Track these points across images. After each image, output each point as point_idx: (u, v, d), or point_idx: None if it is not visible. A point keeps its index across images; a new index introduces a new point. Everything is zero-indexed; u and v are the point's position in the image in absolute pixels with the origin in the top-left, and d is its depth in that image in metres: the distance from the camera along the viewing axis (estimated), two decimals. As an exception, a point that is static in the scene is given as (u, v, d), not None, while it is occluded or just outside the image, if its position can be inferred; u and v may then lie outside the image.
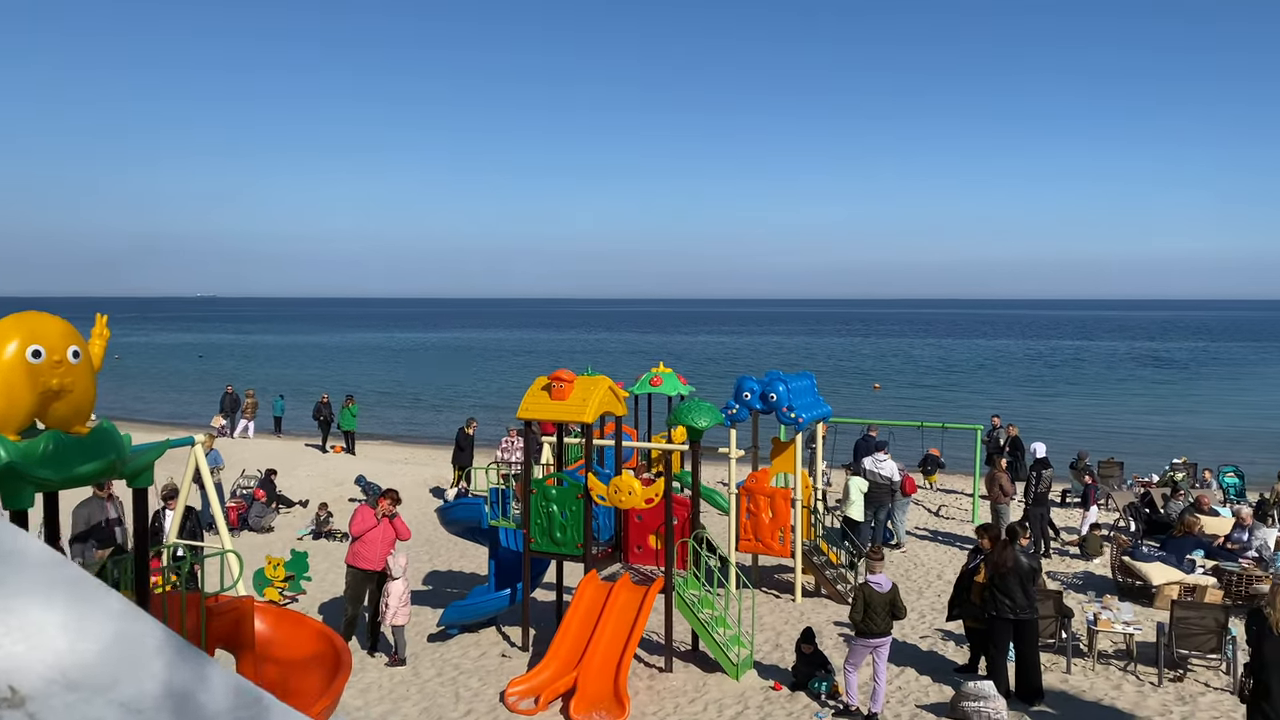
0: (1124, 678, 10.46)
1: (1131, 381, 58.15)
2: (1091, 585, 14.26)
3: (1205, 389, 54.19)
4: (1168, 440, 32.26)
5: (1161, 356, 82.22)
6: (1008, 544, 9.72)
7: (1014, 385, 56.11)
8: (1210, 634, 10.35)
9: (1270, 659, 7.32)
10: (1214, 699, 9.84)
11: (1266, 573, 13.14)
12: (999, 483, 15.89)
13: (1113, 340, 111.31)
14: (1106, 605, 11.48)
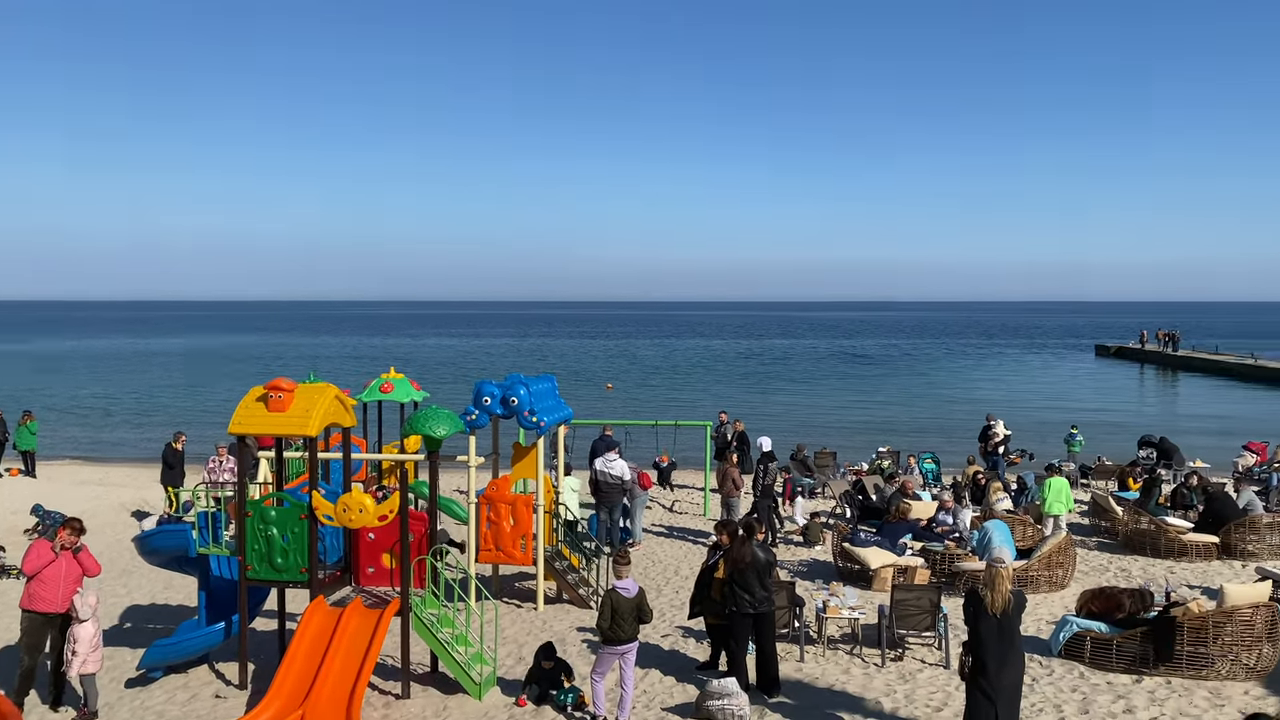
0: (852, 661, 10.96)
1: (836, 378, 62.88)
2: (816, 572, 15.00)
3: (901, 383, 59.56)
4: (873, 430, 35.02)
5: (860, 354, 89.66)
6: (745, 539, 9.88)
7: (734, 382, 59.08)
8: (925, 613, 11.07)
9: (986, 637, 7.82)
10: (930, 674, 10.50)
11: (966, 550, 14.33)
12: (730, 477, 16.38)
13: (815, 339, 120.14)
14: (834, 592, 12.02)
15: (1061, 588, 13.93)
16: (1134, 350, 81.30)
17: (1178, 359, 71.99)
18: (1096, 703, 9.62)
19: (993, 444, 22.74)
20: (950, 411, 42.66)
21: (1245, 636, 10.16)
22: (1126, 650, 10.52)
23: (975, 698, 7.90)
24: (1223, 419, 39.90)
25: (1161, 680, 10.18)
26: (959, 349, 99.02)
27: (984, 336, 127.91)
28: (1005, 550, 13.02)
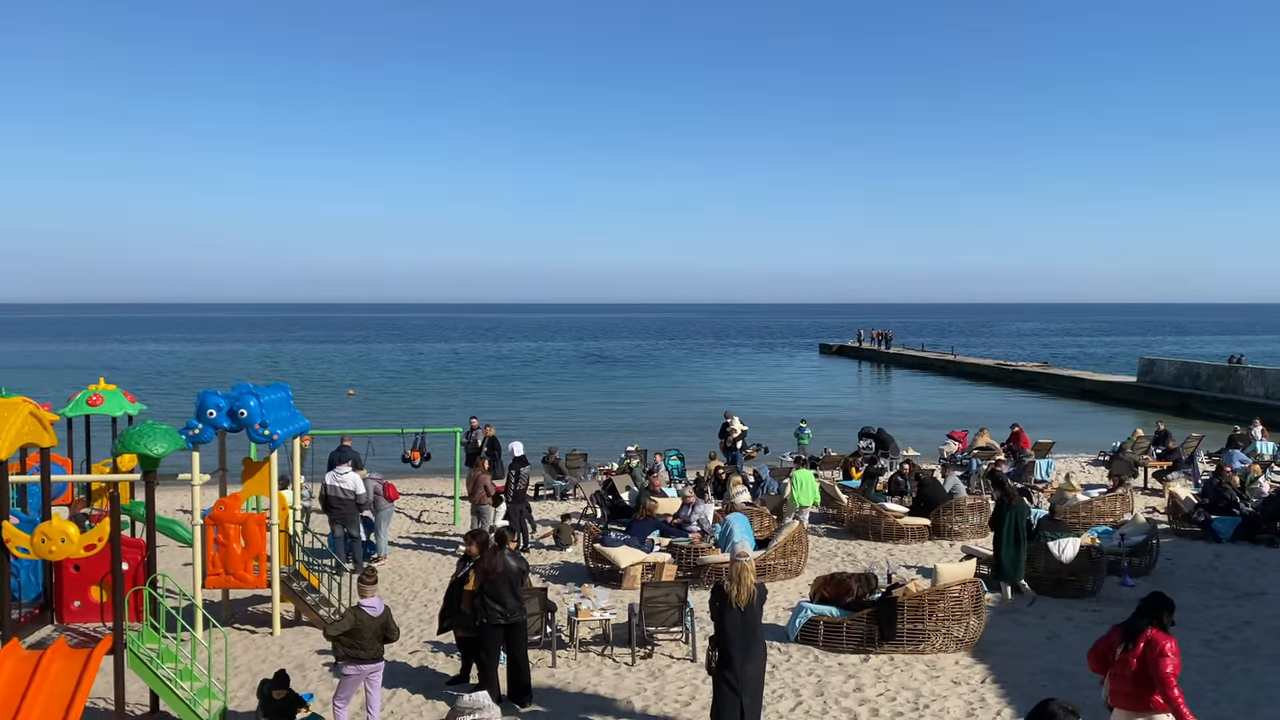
0: (603, 662, 11.04)
1: (584, 380, 63.72)
2: (568, 575, 15.02)
3: (646, 383, 61.24)
4: (621, 430, 35.73)
5: (606, 355, 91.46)
6: (497, 549, 9.70)
7: (483, 386, 58.50)
8: (673, 609, 11.34)
9: (731, 631, 8.07)
10: (679, 669, 10.76)
11: (709, 544, 14.83)
12: (482, 484, 16.10)
13: (563, 341, 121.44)
14: (585, 594, 12.07)
15: (796, 575, 14.74)
16: (853, 349, 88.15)
17: (890, 356, 78.70)
18: (830, 684, 10.21)
19: (731, 439, 23.79)
20: (691, 410, 44.34)
21: (955, 611, 11.15)
22: (855, 631, 11.26)
23: (722, 690, 8.13)
24: (929, 410, 43.93)
25: (886, 657, 10.97)
26: (698, 349, 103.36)
27: (719, 337, 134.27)
28: (746, 543, 13.58)
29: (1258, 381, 39.91)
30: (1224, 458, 22.57)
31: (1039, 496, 19.88)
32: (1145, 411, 40.27)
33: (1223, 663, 10.50)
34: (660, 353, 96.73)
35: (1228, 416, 36.40)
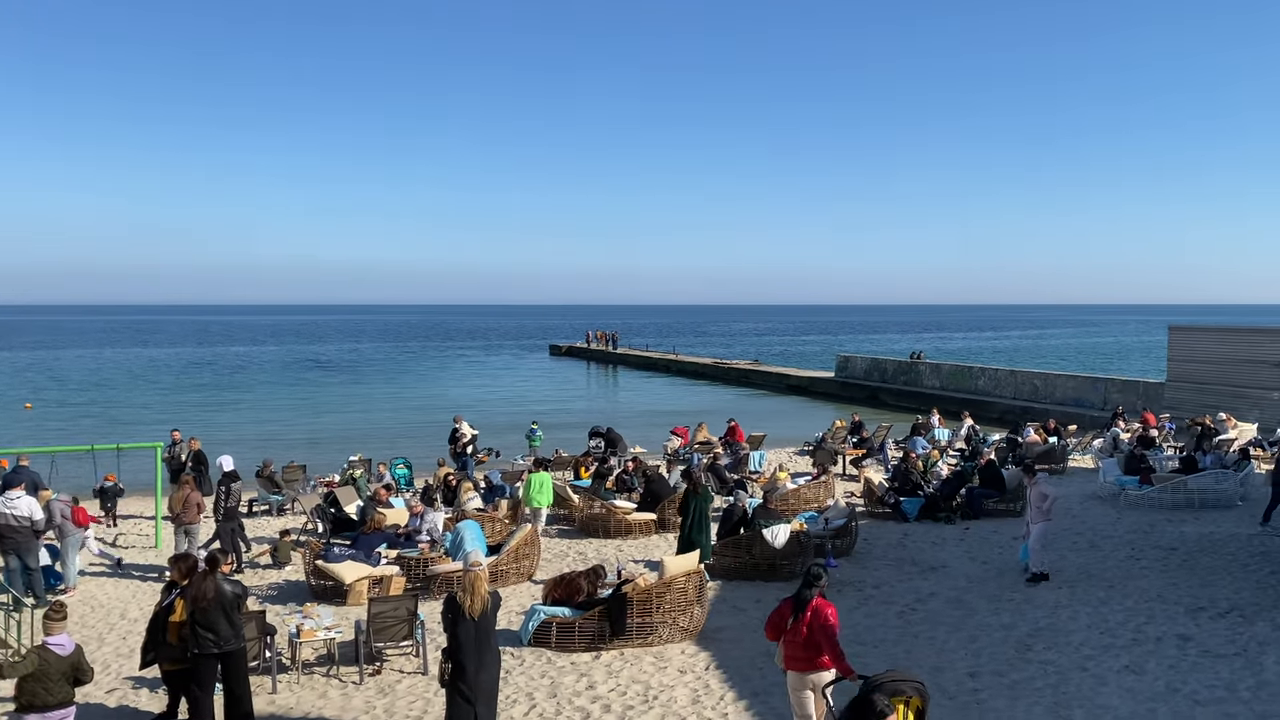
0: (328, 683, 10.54)
1: (298, 386, 60.62)
2: (289, 595, 14.22)
3: (368, 389, 59.16)
4: (343, 440, 34.30)
5: (323, 360, 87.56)
6: (208, 573, 8.98)
7: (185, 395, 54.24)
8: (402, 623, 11.00)
9: (465, 641, 7.96)
10: (410, 684, 10.47)
11: (439, 553, 14.56)
12: (192, 502, 14.89)
13: (275, 345, 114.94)
14: (307, 614, 11.46)
15: (529, 578, 14.78)
16: (582, 349, 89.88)
17: (617, 356, 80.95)
18: (563, 684, 10.31)
19: (461, 445, 23.50)
20: (418, 416, 43.41)
21: (681, 602, 11.61)
22: (587, 630, 11.45)
23: (455, 701, 8.00)
24: (654, 409, 45.60)
25: (616, 653, 11.24)
26: (422, 353, 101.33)
27: (443, 339, 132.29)
28: (479, 551, 13.45)
29: (934, 375, 44.66)
30: (909, 444, 25.04)
31: (753, 486, 21.13)
32: (842, 404, 43.93)
33: (912, 632, 11.62)
34: (382, 357, 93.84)
35: (910, 407, 40.47)
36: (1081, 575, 13.89)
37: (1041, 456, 23.50)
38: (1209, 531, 16.31)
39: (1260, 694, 9.24)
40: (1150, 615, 11.84)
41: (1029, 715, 9.00)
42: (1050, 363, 71.43)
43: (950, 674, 10.15)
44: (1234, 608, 12.00)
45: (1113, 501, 19.45)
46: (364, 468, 21.90)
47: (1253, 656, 10.25)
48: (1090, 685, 9.66)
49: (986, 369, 42.96)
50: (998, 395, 40.06)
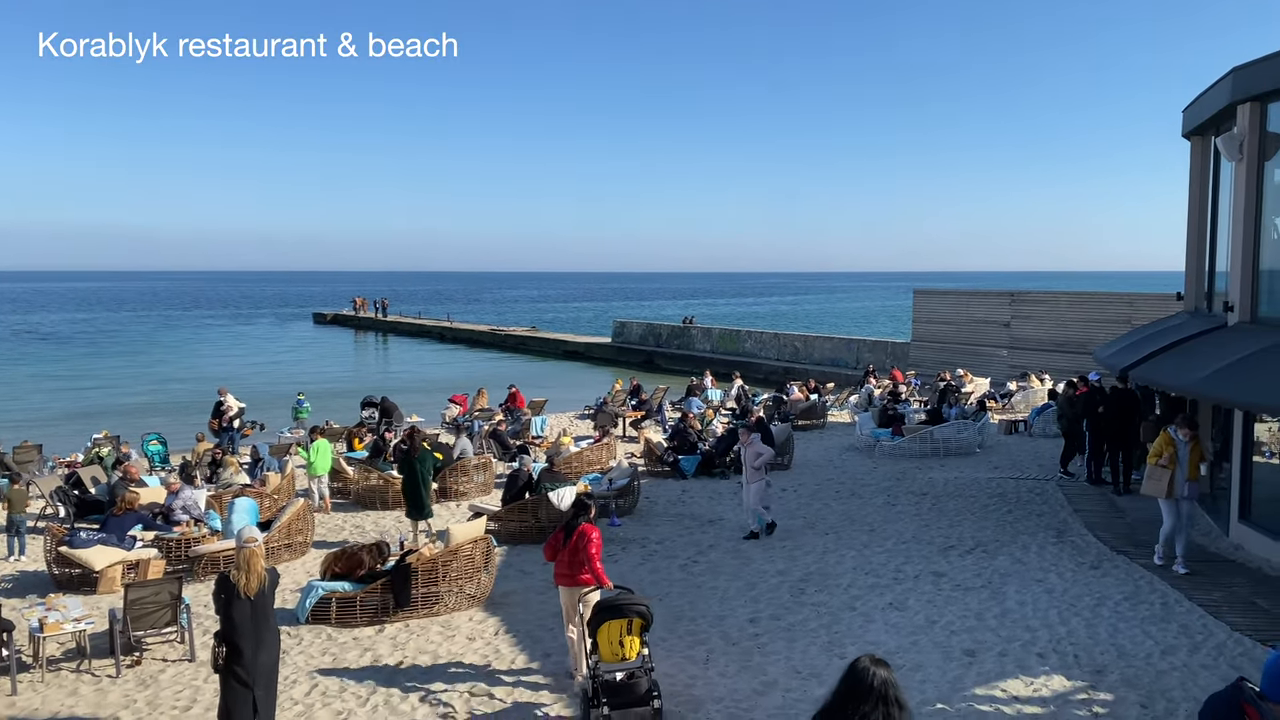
0: (79, 679, 9.62)
1: (27, 360, 54.88)
2: (27, 586, 12.85)
3: (110, 362, 54.41)
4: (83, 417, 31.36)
5: (48, 331, 79.70)
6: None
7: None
8: (165, 608, 10.18)
9: (241, 622, 7.43)
10: (175, 672, 9.73)
11: (202, 532, 13.61)
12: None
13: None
14: (51, 605, 10.38)
15: (302, 554, 14.10)
16: (349, 317, 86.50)
17: (388, 324, 78.53)
18: (345, 660, 9.90)
19: (226, 418, 22.04)
20: (171, 389, 40.38)
21: (468, 569, 11.42)
22: (369, 604, 11.04)
23: (231, 686, 7.48)
24: (429, 377, 44.62)
25: (401, 625, 10.92)
26: (169, 322, 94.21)
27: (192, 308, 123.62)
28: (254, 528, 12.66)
29: (705, 339, 46.28)
30: (685, 405, 25.83)
31: (536, 451, 21.14)
32: (619, 368, 44.74)
33: (695, 583, 12.00)
34: (120, 328, 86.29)
35: (684, 370, 41.78)
36: (845, 521, 14.83)
37: (804, 412, 24.88)
38: (954, 477, 17.85)
39: (1004, 621, 10.21)
40: (908, 555, 12.82)
41: (805, 655, 9.51)
42: (808, 326, 75.79)
43: (732, 620, 10.56)
44: (978, 545, 13.20)
45: (868, 452, 20.88)
46: (110, 445, 20.07)
47: (996, 588, 11.30)
48: (859, 623, 10.33)
49: (753, 332, 44.96)
50: (763, 357, 42.05)
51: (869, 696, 3.89)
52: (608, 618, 7.94)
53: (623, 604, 8.01)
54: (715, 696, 8.61)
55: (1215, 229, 15.04)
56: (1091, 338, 29.65)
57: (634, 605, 8.00)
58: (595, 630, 8.00)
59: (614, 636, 7.93)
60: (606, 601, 8.14)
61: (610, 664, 7.93)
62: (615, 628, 7.92)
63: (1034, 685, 8.54)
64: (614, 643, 7.93)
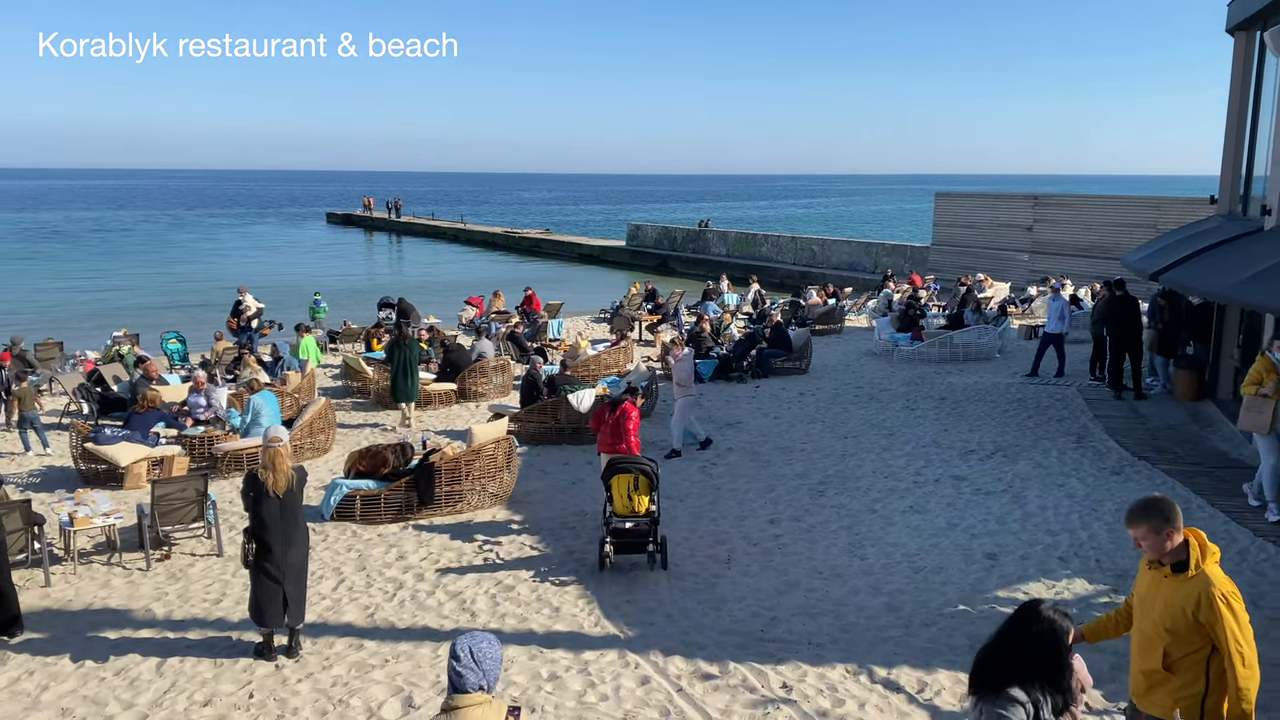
0: (110, 572, 9.79)
1: (39, 259, 54.79)
2: (55, 481, 13.02)
3: (125, 260, 54.36)
4: (101, 315, 31.45)
5: (60, 230, 79.42)
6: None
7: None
8: (191, 504, 10.31)
9: (270, 520, 7.50)
10: (204, 566, 9.89)
11: (226, 430, 13.70)
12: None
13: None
14: (80, 500, 10.53)
15: (325, 452, 14.21)
16: (363, 218, 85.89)
17: (401, 225, 78.00)
18: (372, 556, 10.04)
19: (245, 317, 22.03)
20: (188, 288, 40.40)
21: (490, 468, 11.49)
22: (393, 501, 11.15)
23: (261, 581, 7.59)
24: (444, 279, 44.47)
25: (425, 522, 11.04)
26: (182, 222, 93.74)
27: (201, 205, 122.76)
28: (280, 428, 12.76)
29: (721, 243, 45.82)
30: (701, 309, 25.67)
31: (553, 354, 21.12)
32: (634, 272, 44.47)
33: (714, 485, 12.06)
34: (130, 227, 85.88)
35: (699, 274, 41.48)
36: (863, 425, 14.81)
37: (822, 317, 24.73)
38: (974, 382, 17.77)
39: (1026, 524, 10.24)
40: (928, 459, 12.82)
41: (827, 555, 9.58)
42: (824, 230, 74.92)
43: (753, 521, 10.63)
44: (999, 449, 13.18)
45: (887, 357, 20.78)
46: (130, 342, 20.12)
47: (1018, 492, 11.31)
48: (880, 525, 10.38)
49: (769, 236, 44.46)
50: (780, 261, 41.66)
51: (1046, 643, 3.79)
52: (617, 472, 9.27)
53: (629, 461, 9.34)
54: (738, 595, 8.70)
55: (1255, 130, 14.57)
56: (1117, 243, 29.19)
57: (639, 463, 9.31)
58: (607, 483, 9.33)
59: (623, 491, 9.26)
60: (617, 458, 9.47)
61: (622, 515, 9.25)
62: (624, 482, 9.25)
63: (1056, 588, 8.59)
64: (624, 496, 9.27)
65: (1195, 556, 4.21)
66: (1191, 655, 4.21)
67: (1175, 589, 4.22)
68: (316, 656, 7.77)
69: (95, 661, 7.80)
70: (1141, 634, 4.43)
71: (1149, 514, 4.23)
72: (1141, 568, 4.51)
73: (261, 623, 7.67)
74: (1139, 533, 4.27)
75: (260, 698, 7.15)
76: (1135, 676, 4.49)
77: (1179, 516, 4.25)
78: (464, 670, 3.56)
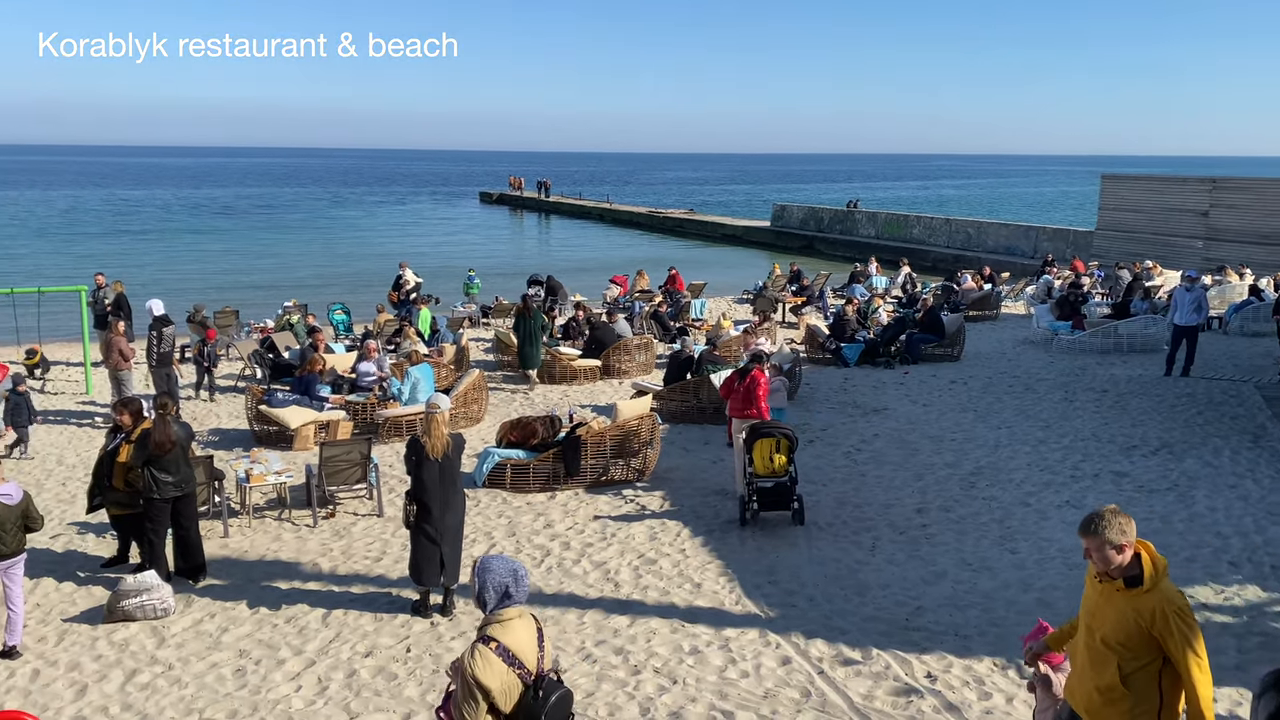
0: (281, 527, 10.45)
1: (214, 234, 58.26)
2: (232, 440, 13.96)
3: (292, 236, 57.38)
4: (270, 286, 33.36)
5: (232, 205, 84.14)
6: (163, 417, 8.69)
7: (102, 240, 51.95)
8: (355, 466, 10.88)
9: (429, 483, 7.86)
10: (365, 526, 10.44)
11: (388, 399, 14.37)
12: (117, 348, 14.34)
13: (159, 189, 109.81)
14: (255, 458, 11.26)
15: (477, 422, 14.73)
16: (513, 197, 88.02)
17: (550, 204, 79.53)
18: (521, 523, 10.38)
19: (405, 291, 22.99)
20: (351, 262, 42.36)
21: (634, 444, 11.68)
22: (541, 471, 11.48)
23: (420, 542, 7.97)
24: (589, 257, 45.16)
25: (571, 493, 11.33)
26: (344, 199, 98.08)
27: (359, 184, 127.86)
28: (441, 395, 13.33)
29: (870, 224, 44.86)
30: (848, 291, 25.25)
31: (696, 334, 21.20)
32: (778, 253, 44.01)
33: (859, 471, 11.91)
34: (296, 202, 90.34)
35: (846, 256, 40.74)
36: (1018, 416, 14.31)
37: (976, 303, 23.95)
38: (1138, 374, 16.89)
39: (1193, 525, 9.71)
40: (1086, 453, 12.30)
41: (977, 548, 9.34)
42: (978, 212, 72.25)
43: (899, 510, 10.45)
44: (1164, 445, 12.52)
45: (1045, 346, 19.97)
46: (300, 313, 21.29)
47: (1184, 491, 10.73)
48: (1033, 520, 10.04)
49: (922, 217, 43.24)
50: (932, 244, 40.48)
51: None
52: (760, 436, 9.97)
53: (772, 426, 10.15)
54: (882, 583, 8.60)
55: None
56: (1304, 230, 27.12)
57: (781, 428, 10.08)
58: (750, 447, 9.95)
59: (765, 453, 9.91)
60: (760, 424, 10.24)
61: (763, 475, 9.91)
62: (766, 445, 9.92)
63: (1225, 594, 8.13)
64: (765, 458, 9.92)
65: (1150, 571, 4.13)
66: (1144, 669, 4.15)
67: (1128, 603, 4.16)
68: (469, 616, 8.11)
69: (268, 609, 8.37)
70: (1091, 650, 4.32)
71: (1107, 527, 4.13)
72: (1088, 582, 4.41)
73: (419, 581, 8.06)
74: (1093, 544, 4.17)
75: (417, 652, 7.53)
76: (1088, 693, 4.36)
77: (1133, 530, 4.17)
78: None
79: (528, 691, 4.00)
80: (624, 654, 7.43)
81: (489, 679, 3.94)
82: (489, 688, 3.93)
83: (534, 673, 4.05)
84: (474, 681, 3.93)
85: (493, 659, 3.97)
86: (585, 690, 6.91)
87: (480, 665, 3.95)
